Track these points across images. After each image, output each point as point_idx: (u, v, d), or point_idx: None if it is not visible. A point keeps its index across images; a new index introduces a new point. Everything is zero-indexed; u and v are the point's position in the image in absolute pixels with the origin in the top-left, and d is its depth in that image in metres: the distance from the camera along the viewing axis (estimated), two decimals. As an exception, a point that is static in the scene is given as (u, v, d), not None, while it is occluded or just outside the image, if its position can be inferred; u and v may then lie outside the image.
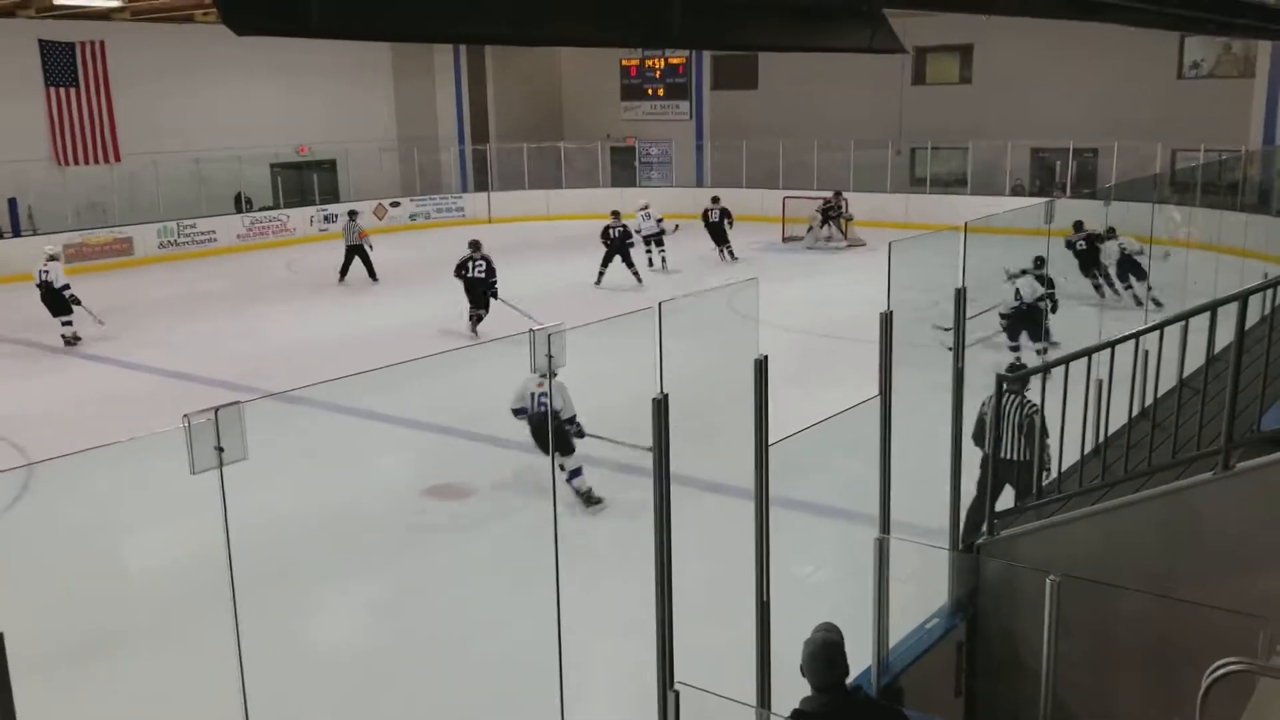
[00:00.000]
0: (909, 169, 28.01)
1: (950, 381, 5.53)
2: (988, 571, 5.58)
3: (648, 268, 20.15)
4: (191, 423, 2.80)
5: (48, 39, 23.08)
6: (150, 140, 24.45)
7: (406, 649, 6.84)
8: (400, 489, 9.79)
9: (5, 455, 10.51)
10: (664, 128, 31.46)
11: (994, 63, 26.25)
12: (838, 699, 3.79)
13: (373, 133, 29.28)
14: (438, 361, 4.10)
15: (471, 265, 16.06)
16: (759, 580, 4.49)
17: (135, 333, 16.24)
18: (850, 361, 11.56)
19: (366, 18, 2.28)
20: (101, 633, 6.56)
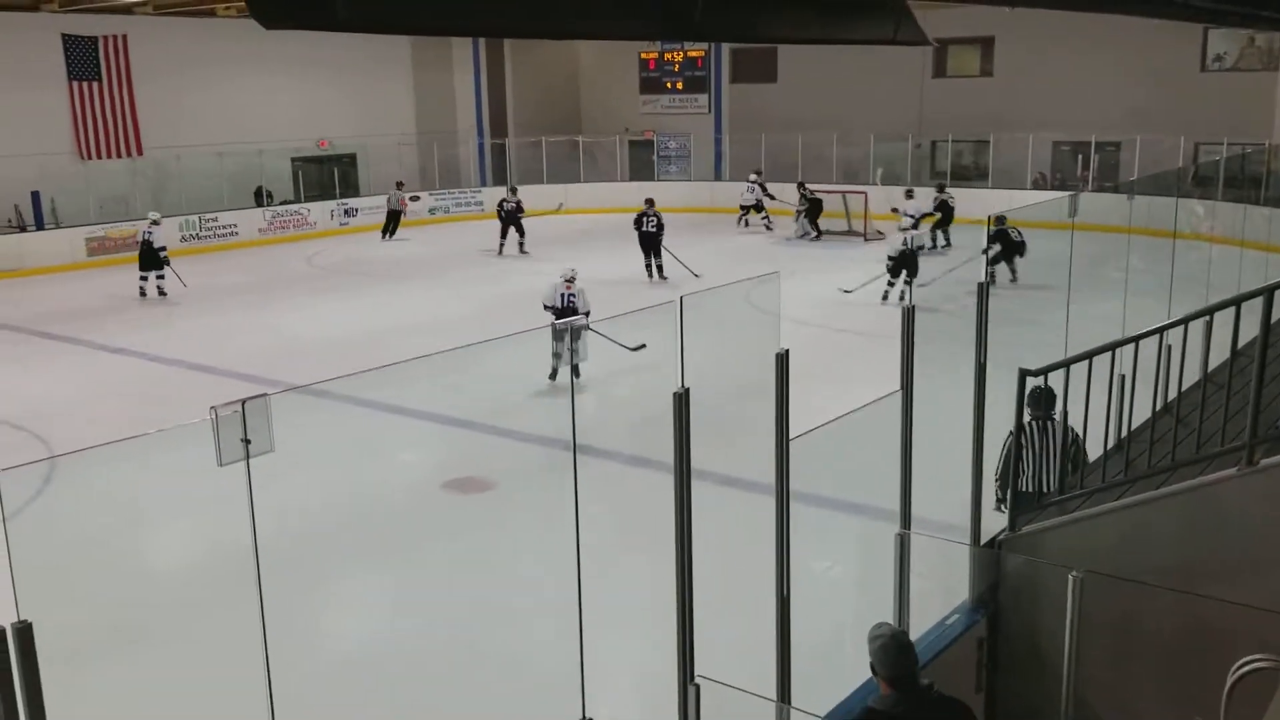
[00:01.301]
0: (929, 162, 27.87)
1: (973, 376, 5.51)
2: (1009, 567, 5.55)
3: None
4: (219, 415, 2.82)
5: (70, 33, 23.23)
6: (172, 134, 24.57)
7: (427, 641, 6.87)
8: (421, 482, 9.83)
9: (30, 447, 10.60)
10: (682, 121, 31.42)
11: (1016, 55, 26.08)
12: (911, 696, 3.79)
13: (393, 127, 29.35)
14: (458, 355, 4.11)
15: (645, 220, 18.49)
16: (779, 574, 4.49)
17: (158, 326, 16.34)
18: (870, 356, 11.53)
19: (391, 12, 2.29)
20: (125, 624, 6.61)
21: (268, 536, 3.34)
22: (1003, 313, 5.76)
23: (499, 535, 8.53)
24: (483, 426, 10.92)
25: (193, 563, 7.63)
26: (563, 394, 8.68)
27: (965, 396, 5.59)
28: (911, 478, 5.29)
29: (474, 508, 9.26)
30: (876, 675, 3.89)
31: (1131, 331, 5.83)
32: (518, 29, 2.91)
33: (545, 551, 5.60)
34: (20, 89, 22.38)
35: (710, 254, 21.38)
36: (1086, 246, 8.28)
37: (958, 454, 5.77)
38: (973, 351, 5.49)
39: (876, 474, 5.82)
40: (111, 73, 24.03)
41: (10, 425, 11.31)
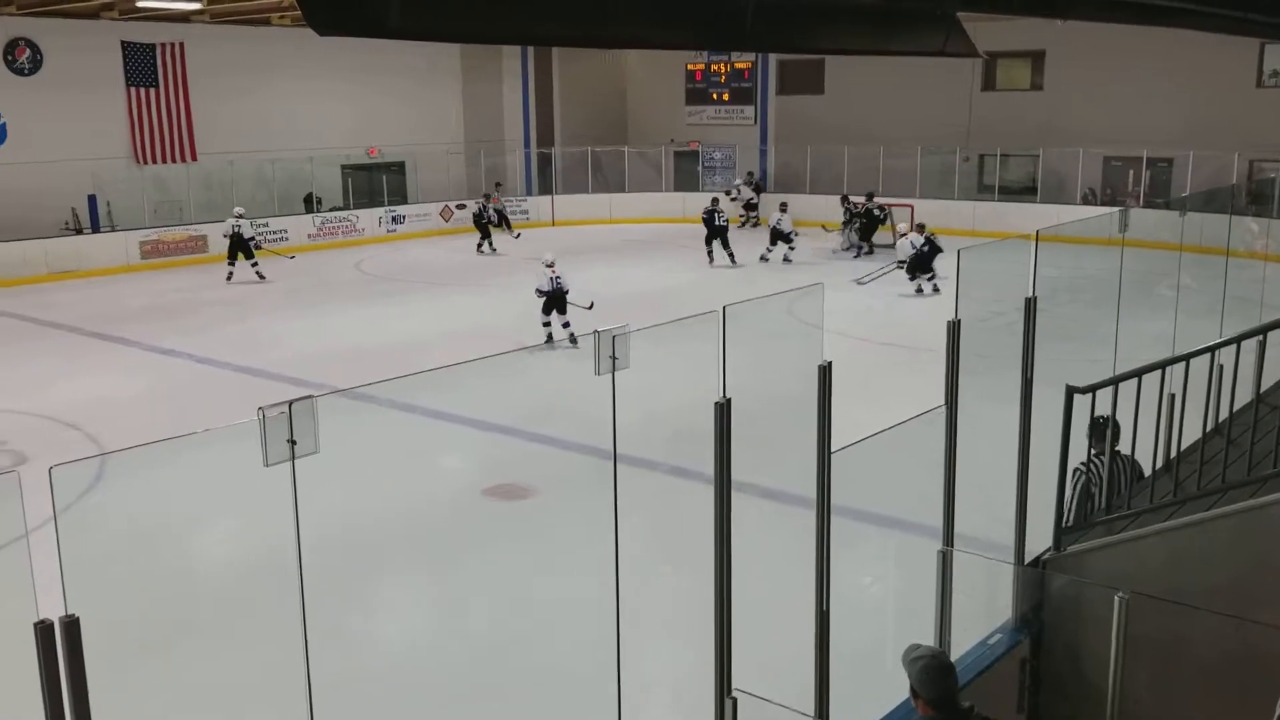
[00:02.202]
0: (977, 175, 27.64)
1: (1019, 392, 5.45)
2: (1053, 587, 5.48)
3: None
4: (266, 415, 2.85)
5: (129, 40, 23.66)
6: (225, 140, 24.95)
7: (465, 647, 6.89)
8: (461, 488, 9.88)
9: (81, 445, 10.79)
10: (728, 132, 31.40)
11: (1067, 69, 25.82)
12: (952, 718, 3.76)
13: (441, 136, 29.60)
14: (500, 362, 4.14)
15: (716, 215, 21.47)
16: (819, 589, 4.46)
17: (208, 329, 16.58)
18: (911, 370, 11.43)
19: (442, 19, 2.31)
20: (169, 621, 6.70)
21: (310, 537, 3.36)
22: (1050, 329, 5.69)
23: (538, 542, 8.55)
24: (524, 433, 10.96)
25: (236, 562, 7.72)
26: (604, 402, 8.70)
27: (1010, 413, 5.53)
28: (955, 494, 5.23)
29: (514, 514, 9.29)
30: (916, 697, 3.85)
31: (1182, 350, 5.74)
32: (569, 37, 2.93)
33: (584, 560, 5.60)
34: (80, 94, 22.84)
35: (751, 264, 21.36)
36: (1136, 263, 8.17)
37: (1002, 471, 5.70)
38: (1019, 367, 5.43)
39: (919, 489, 5.77)
40: (168, 79, 24.44)
41: (63, 423, 11.52)
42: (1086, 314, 10.52)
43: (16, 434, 11.25)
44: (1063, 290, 10.07)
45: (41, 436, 11.18)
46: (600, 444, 4.78)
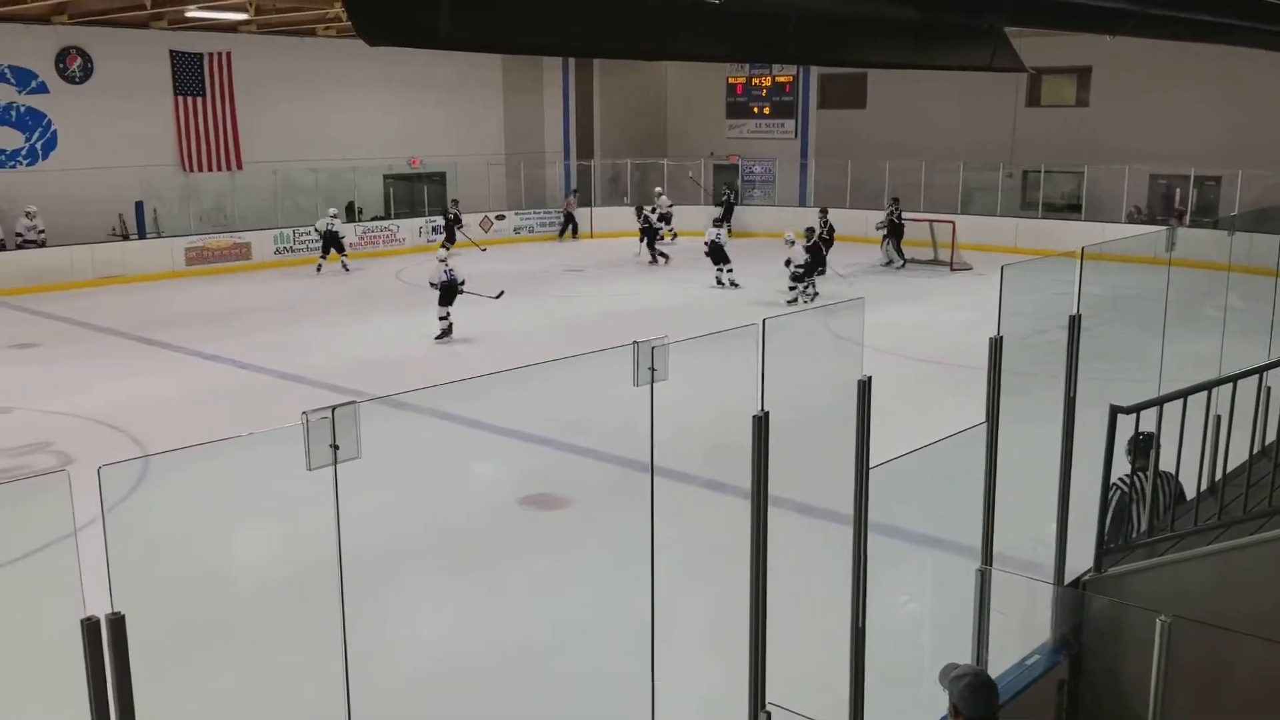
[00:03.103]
0: (1020, 192, 27.42)
1: (1061, 410, 5.39)
2: (1094, 608, 5.41)
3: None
4: (310, 420, 2.88)
5: (178, 49, 24.04)
6: (270, 149, 25.26)
7: (498, 655, 6.90)
8: (498, 497, 9.91)
9: (126, 447, 10.94)
10: (768, 146, 31.38)
11: (1113, 85, 25.57)
12: None
13: (482, 147, 29.80)
14: (537, 371, 4.15)
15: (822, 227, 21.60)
16: (855, 605, 4.43)
17: (249, 334, 16.77)
18: (952, 387, 11.32)
19: (490, 30, 2.34)
20: (210, 622, 6.76)
21: (349, 542, 3.39)
22: (1094, 347, 5.64)
23: (573, 553, 8.56)
24: (560, 444, 10.98)
25: (277, 564, 7.78)
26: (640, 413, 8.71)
27: (1052, 432, 5.47)
28: (995, 512, 5.19)
29: (549, 524, 9.31)
30: (956, 714, 3.82)
31: (1229, 371, 5.66)
32: (613, 49, 2.96)
33: (618, 571, 5.59)
34: (129, 103, 23.23)
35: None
36: (1183, 283, 8.06)
37: (1042, 490, 5.64)
38: (1061, 386, 5.38)
39: (957, 507, 5.72)
40: (215, 88, 24.80)
41: (107, 425, 11.69)
42: (1131, 333, 10.40)
43: (62, 435, 11.43)
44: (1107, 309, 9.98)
45: (86, 437, 11.35)
46: (636, 455, 4.79)
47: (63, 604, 2.93)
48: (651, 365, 3.90)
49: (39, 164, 22.44)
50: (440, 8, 2.09)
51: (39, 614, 5.02)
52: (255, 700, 6.26)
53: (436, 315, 16.22)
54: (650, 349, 3.90)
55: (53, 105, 22.48)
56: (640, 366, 3.89)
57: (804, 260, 19.08)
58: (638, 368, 3.90)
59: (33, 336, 16.74)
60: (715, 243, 20.85)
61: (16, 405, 12.53)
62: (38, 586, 6.46)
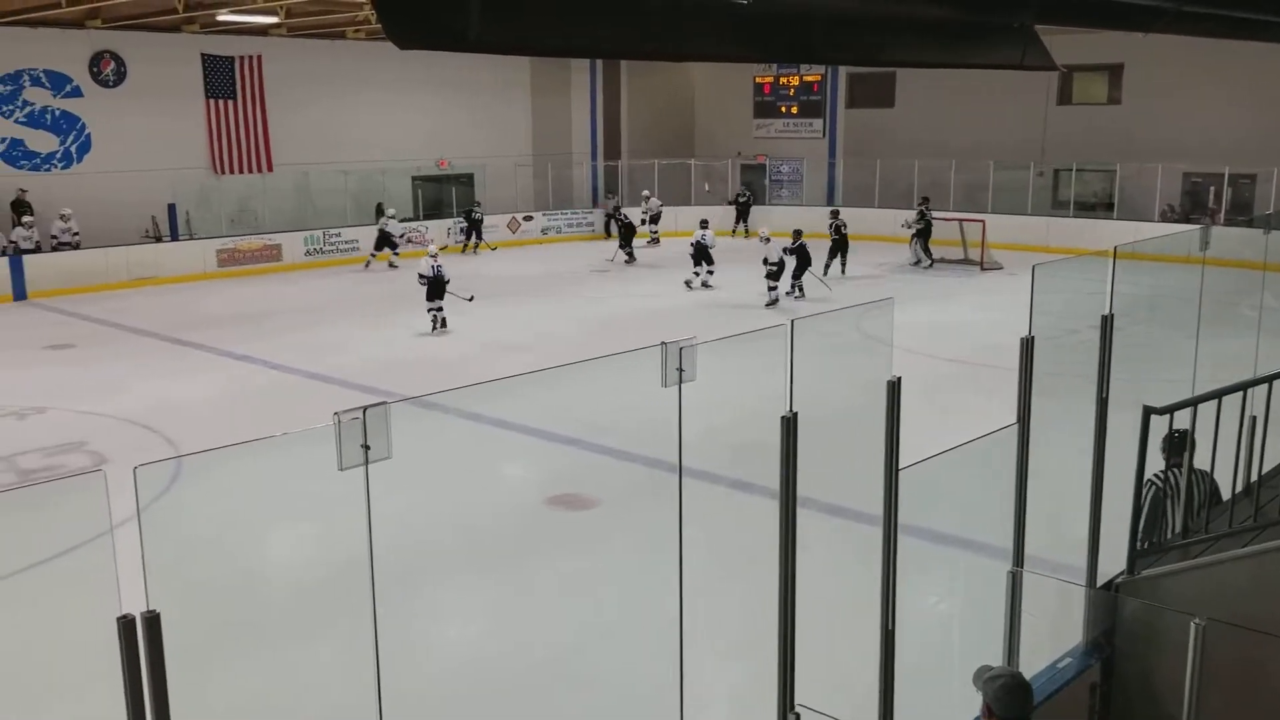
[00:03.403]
0: (1051, 191, 27.20)
1: (1093, 411, 5.35)
2: (1126, 611, 5.36)
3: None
4: (341, 420, 2.90)
5: (209, 53, 24.26)
6: (300, 151, 25.45)
7: (526, 655, 6.92)
8: (525, 497, 9.94)
9: (159, 446, 11.05)
10: (796, 145, 31.29)
11: (1146, 82, 25.31)
12: None
13: (510, 148, 29.90)
14: (565, 372, 4.16)
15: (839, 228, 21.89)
16: (884, 607, 4.41)
17: (280, 335, 16.90)
18: (983, 387, 11.25)
19: (520, 32, 2.35)
20: (242, 621, 6.82)
21: (379, 541, 3.41)
22: (1127, 347, 5.59)
23: (600, 553, 8.57)
24: (587, 444, 11.00)
25: (309, 563, 7.84)
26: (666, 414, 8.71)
27: (1084, 433, 5.43)
28: (1026, 514, 5.15)
29: (577, 524, 9.33)
30: (991, 716, 3.82)
31: (1265, 371, 5.59)
32: (642, 50, 2.96)
33: (645, 571, 5.60)
34: (162, 106, 23.48)
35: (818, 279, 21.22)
36: (1218, 282, 7.98)
37: (1074, 492, 5.60)
38: (1094, 386, 5.33)
39: (988, 509, 5.69)
40: (246, 91, 25.01)
41: (142, 426, 11.82)
42: (1164, 333, 10.30)
43: (96, 434, 11.56)
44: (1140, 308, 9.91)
45: (120, 437, 11.47)
46: (663, 456, 4.80)
47: (98, 601, 2.97)
48: (680, 366, 3.90)
49: (73, 167, 22.72)
50: (470, 11, 2.10)
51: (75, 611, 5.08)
52: (287, 698, 6.31)
53: (426, 309, 17.13)
54: (679, 350, 3.90)
55: (87, 109, 22.75)
56: (669, 367, 3.89)
57: (778, 258, 18.98)
58: (666, 368, 3.89)
59: (68, 337, 16.94)
60: (701, 244, 20.89)
61: (52, 405, 12.69)
62: (73, 584, 6.55)
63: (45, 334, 17.23)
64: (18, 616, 6.99)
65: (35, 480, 10.10)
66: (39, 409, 12.58)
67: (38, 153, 22.28)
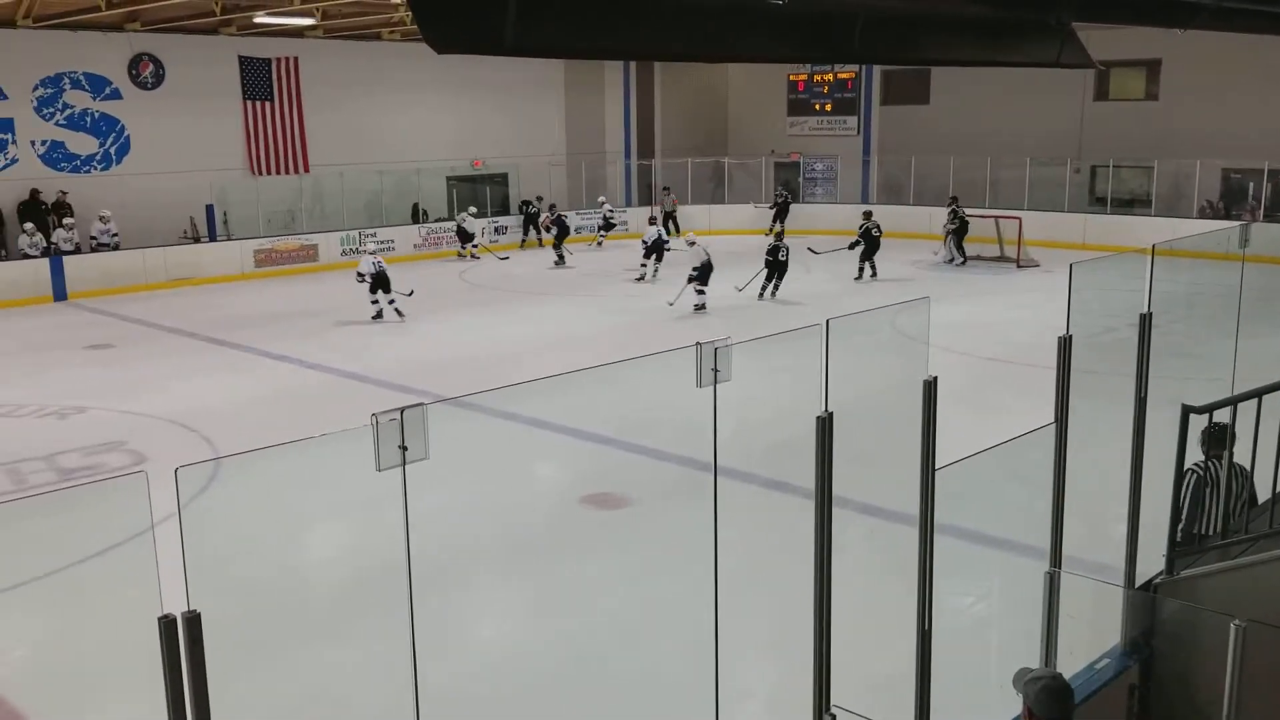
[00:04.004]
0: (1089, 188, 26.93)
1: (1131, 410, 5.30)
2: (1165, 612, 5.30)
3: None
4: (379, 422, 2.93)
5: (246, 55, 24.50)
6: (336, 152, 25.65)
7: (560, 654, 6.95)
8: (559, 496, 9.97)
9: (197, 446, 11.18)
10: (830, 143, 31.16)
11: (1184, 78, 24.99)
12: None
13: (544, 147, 29.99)
14: (600, 372, 4.18)
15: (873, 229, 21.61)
16: (920, 607, 4.39)
17: (317, 335, 17.04)
18: (1020, 386, 11.15)
19: (556, 37, 2.36)
20: (280, 620, 6.89)
21: (415, 541, 3.44)
22: (1166, 345, 5.53)
23: (634, 552, 8.58)
24: (621, 443, 11.01)
25: (346, 563, 7.91)
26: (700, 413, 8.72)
27: (1122, 432, 5.38)
28: (1064, 514, 5.11)
29: (610, 523, 9.35)
30: (1032, 718, 3.81)
31: (1307, 370, 5.51)
32: (679, 53, 2.96)
33: (679, 570, 5.60)
34: (199, 108, 23.74)
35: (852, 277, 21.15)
36: (1258, 279, 7.88)
37: (1112, 492, 5.55)
38: (1132, 384, 5.28)
39: (1025, 509, 5.65)
40: (283, 93, 25.23)
41: (180, 425, 11.96)
42: (1203, 331, 10.18)
43: (135, 434, 11.71)
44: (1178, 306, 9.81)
45: (158, 437, 11.62)
46: (696, 455, 4.82)
47: (139, 600, 3.01)
48: (715, 366, 3.90)
49: (113, 168, 23.02)
50: (506, 15, 2.12)
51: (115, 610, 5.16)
52: (325, 697, 6.37)
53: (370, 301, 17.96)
54: (714, 350, 3.90)
55: (126, 111, 23.04)
56: (704, 368, 3.89)
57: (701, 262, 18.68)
58: (701, 369, 3.90)
59: (108, 338, 17.17)
60: (658, 240, 21.79)
61: (92, 405, 12.86)
62: (114, 583, 6.64)
63: (85, 334, 17.47)
64: (60, 615, 7.10)
65: (76, 479, 10.25)
66: (79, 408, 12.76)
67: (78, 155, 22.59)
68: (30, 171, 21.86)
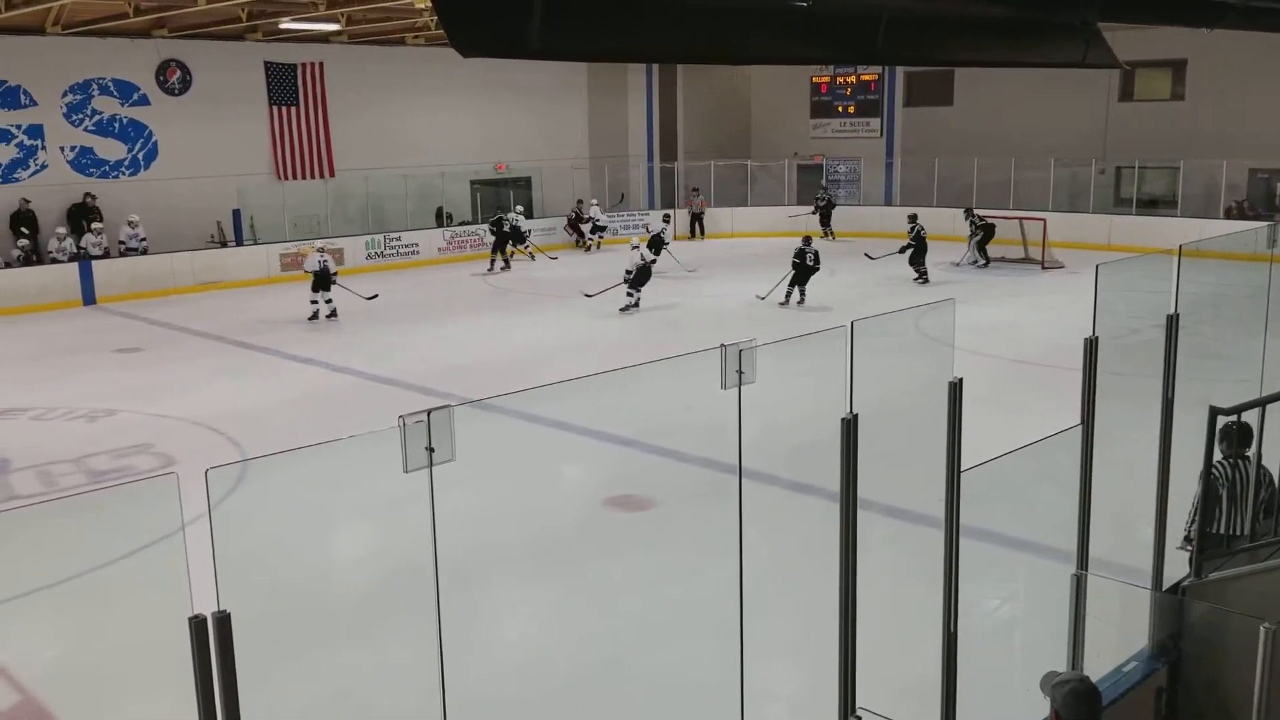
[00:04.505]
0: (1114, 188, 26.74)
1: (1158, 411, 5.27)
2: (1194, 615, 5.27)
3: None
4: (406, 423, 2.95)
5: (272, 61, 24.68)
6: (360, 156, 25.81)
7: (585, 656, 6.96)
8: (583, 498, 9.99)
9: (224, 448, 11.27)
10: (853, 145, 31.08)
11: (1210, 78, 24.78)
12: None
13: (567, 150, 30.06)
14: (625, 374, 4.20)
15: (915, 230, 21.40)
16: (946, 610, 4.38)
17: (342, 338, 17.15)
18: (1045, 388, 11.10)
19: (581, 40, 2.37)
20: (307, 622, 6.94)
21: (441, 542, 3.46)
22: (1193, 347, 5.50)
23: (658, 554, 8.58)
24: (645, 445, 11.02)
25: (374, 564, 7.95)
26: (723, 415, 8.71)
27: (1149, 434, 5.35)
28: (1090, 516, 5.09)
29: (634, 525, 9.35)
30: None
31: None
32: (703, 56, 2.98)
33: (703, 572, 5.61)
34: (226, 113, 23.92)
35: (879, 278, 21.09)
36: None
37: (1138, 494, 5.52)
38: (1158, 386, 5.25)
39: (1051, 511, 5.62)
40: (308, 98, 25.40)
41: (207, 428, 12.05)
42: (1230, 333, 10.10)
43: (163, 436, 11.81)
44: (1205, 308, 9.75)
45: (186, 439, 11.71)
46: (719, 457, 4.81)
47: (168, 601, 3.05)
48: (739, 368, 3.91)
49: (141, 173, 23.23)
50: (532, 19, 2.13)
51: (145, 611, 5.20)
52: (353, 697, 6.40)
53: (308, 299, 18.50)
54: (739, 352, 3.91)
55: (153, 116, 23.25)
56: (728, 369, 3.90)
57: (636, 267, 18.92)
58: (725, 371, 3.91)
59: (136, 341, 17.33)
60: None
61: (120, 408, 12.99)
62: (141, 584, 6.70)
63: (113, 338, 17.64)
64: (90, 616, 7.17)
65: (105, 481, 10.35)
66: (108, 411, 12.89)
67: (106, 160, 22.81)
68: (59, 177, 22.11)
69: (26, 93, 21.56)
